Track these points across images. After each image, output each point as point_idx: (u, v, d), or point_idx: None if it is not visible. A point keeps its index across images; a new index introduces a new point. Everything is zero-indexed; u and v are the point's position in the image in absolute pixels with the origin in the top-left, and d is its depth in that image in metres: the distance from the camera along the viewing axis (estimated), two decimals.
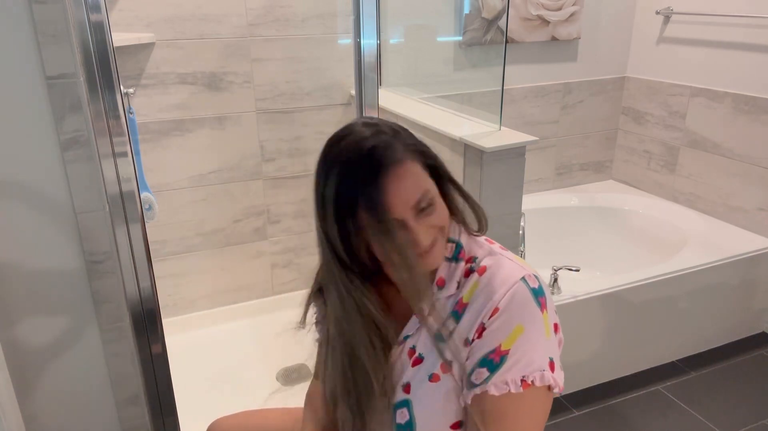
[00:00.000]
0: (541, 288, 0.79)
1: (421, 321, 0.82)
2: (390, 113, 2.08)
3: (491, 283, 0.79)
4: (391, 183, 0.73)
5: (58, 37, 1.00)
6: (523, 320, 0.76)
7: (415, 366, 0.83)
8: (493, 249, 0.85)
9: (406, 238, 0.75)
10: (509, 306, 0.76)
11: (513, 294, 0.77)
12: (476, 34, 2.39)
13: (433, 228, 0.77)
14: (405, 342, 0.85)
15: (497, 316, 0.76)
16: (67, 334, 1.17)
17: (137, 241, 1.14)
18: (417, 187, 0.75)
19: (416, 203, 0.74)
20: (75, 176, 1.08)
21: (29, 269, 1.11)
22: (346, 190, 0.76)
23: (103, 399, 1.25)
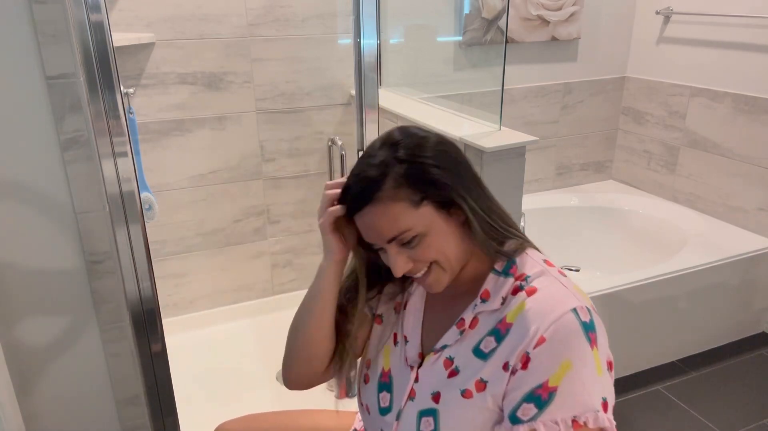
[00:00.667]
0: (593, 322, 0.75)
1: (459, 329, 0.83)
2: (390, 113, 2.08)
3: (539, 308, 0.75)
4: (367, 217, 0.78)
5: (58, 37, 1.00)
6: (571, 355, 0.72)
7: (451, 377, 0.81)
8: (548, 270, 0.81)
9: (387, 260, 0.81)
10: (556, 337, 0.72)
11: (561, 325, 0.73)
12: (476, 34, 2.39)
13: (419, 262, 0.79)
14: (443, 350, 0.84)
15: (543, 347, 0.72)
16: (67, 334, 1.17)
17: (137, 241, 1.14)
18: (392, 226, 0.76)
19: (392, 238, 0.77)
20: (75, 176, 1.07)
21: (29, 269, 1.11)
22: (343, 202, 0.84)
23: (103, 399, 1.25)
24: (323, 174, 2.38)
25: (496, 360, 0.77)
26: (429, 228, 0.77)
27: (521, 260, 0.82)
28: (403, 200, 0.76)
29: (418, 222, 0.76)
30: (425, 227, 0.77)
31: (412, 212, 0.76)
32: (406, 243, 0.77)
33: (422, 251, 0.77)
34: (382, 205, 0.76)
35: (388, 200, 0.76)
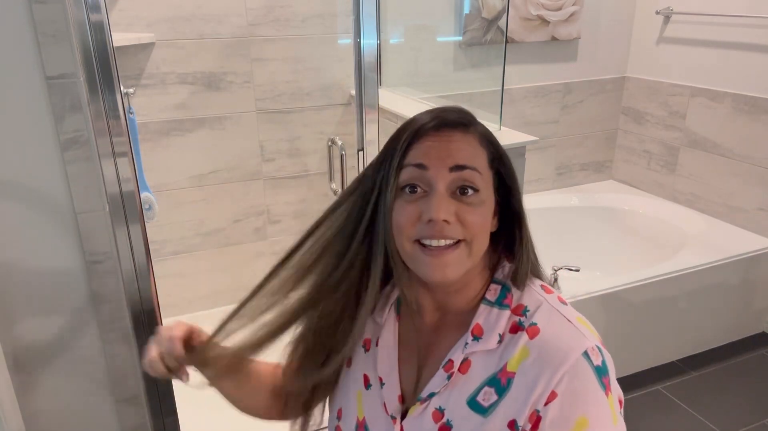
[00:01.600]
0: (605, 363, 0.67)
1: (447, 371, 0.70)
2: (390, 113, 2.08)
3: (545, 356, 0.65)
4: (448, 138, 0.68)
5: (58, 37, 1.00)
6: (586, 411, 0.63)
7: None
8: (547, 300, 0.70)
9: (423, 205, 0.66)
10: (569, 392, 0.63)
11: (573, 376, 0.64)
12: (476, 34, 2.39)
13: (458, 224, 0.66)
14: (429, 400, 0.70)
15: (555, 404, 0.63)
16: (67, 334, 1.17)
17: (137, 241, 1.14)
18: (470, 156, 0.67)
19: (455, 166, 0.66)
20: (75, 176, 1.07)
21: (29, 269, 1.10)
22: (407, 132, 0.69)
23: (103, 399, 1.25)
24: (323, 174, 2.38)
25: (499, 416, 0.66)
26: (488, 198, 0.69)
27: (516, 289, 0.72)
28: (485, 150, 0.69)
29: (485, 179, 0.68)
30: (486, 193, 0.69)
31: (486, 166, 0.69)
32: (461, 191, 0.66)
33: (472, 213, 0.66)
34: (470, 137, 0.68)
35: (476, 137, 0.69)
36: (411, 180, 0.67)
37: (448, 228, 0.66)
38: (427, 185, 0.67)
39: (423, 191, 0.67)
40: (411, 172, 0.67)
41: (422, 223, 0.66)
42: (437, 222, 0.65)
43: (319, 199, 2.42)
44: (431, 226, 0.65)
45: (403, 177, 0.68)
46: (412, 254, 0.68)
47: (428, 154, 0.67)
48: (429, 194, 0.67)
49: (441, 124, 0.68)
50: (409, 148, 0.68)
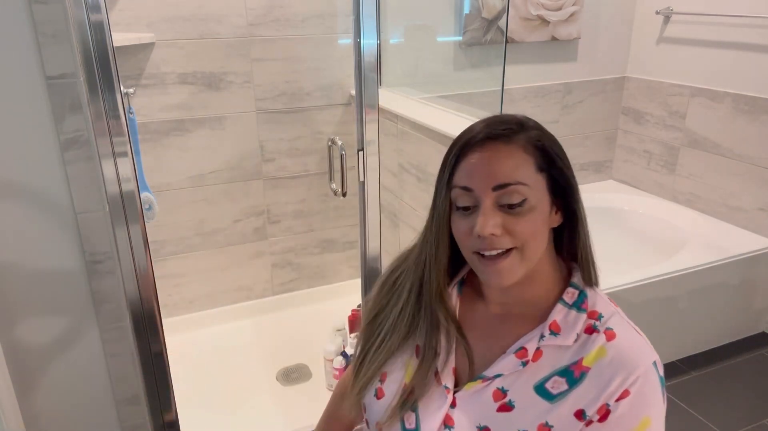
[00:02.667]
0: (663, 377, 0.72)
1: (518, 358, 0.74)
2: (390, 113, 2.08)
3: (622, 359, 0.70)
4: (488, 153, 0.71)
5: (58, 37, 1.00)
6: (650, 412, 0.69)
7: (501, 412, 0.73)
8: (618, 311, 0.76)
9: (473, 221, 0.71)
10: (640, 393, 0.68)
11: (646, 380, 0.69)
12: (476, 34, 2.39)
13: (507, 235, 0.70)
14: (493, 380, 0.74)
15: (626, 401, 0.68)
16: (67, 334, 1.17)
17: (137, 241, 1.14)
18: (512, 172, 0.70)
19: (497, 185, 0.70)
20: (75, 176, 1.07)
21: (29, 269, 1.11)
22: (458, 146, 0.75)
23: (103, 399, 1.25)
24: (323, 174, 2.38)
25: (566, 405, 0.70)
26: (538, 202, 0.71)
27: (592, 295, 0.76)
28: (531, 156, 0.72)
29: (533, 187, 0.71)
30: (536, 198, 0.71)
31: (533, 173, 0.71)
32: (508, 205, 0.70)
33: (520, 222, 0.70)
34: (513, 147, 0.71)
35: (520, 147, 0.71)
36: (461, 201, 0.73)
37: (497, 241, 0.70)
38: (475, 202, 0.72)
39: (474, 207, 0.72)
40: (458, 194, 0.73)
41: (474, 237, 0.71)
42: (485, 238, 0.70)
43: (319, 199, 2.42)
44: (481, 240, 0.71)
45: (453, 195, 0.74)
46: (472, 262, 0.74)
47: (472, 175, 0.72)
48: (477, 209, 0.72)
49: (485, 138, 0.72)
50: (457, 166, 0.74)
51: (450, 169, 0.74)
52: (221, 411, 1.94)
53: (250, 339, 2.34)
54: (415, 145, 1.94)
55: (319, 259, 2.52)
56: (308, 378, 2.10)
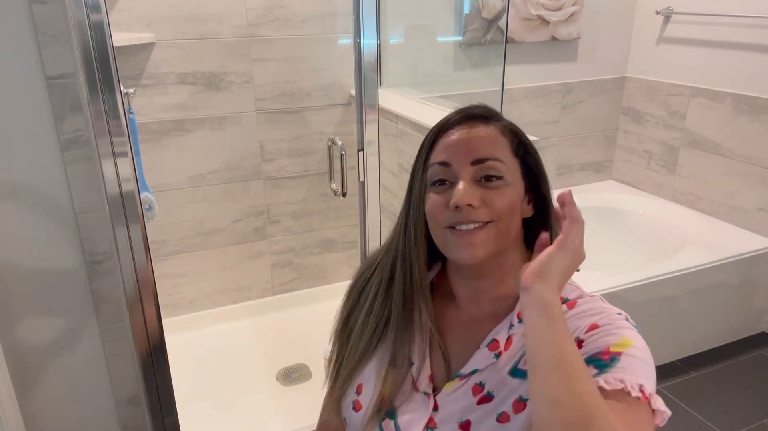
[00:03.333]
0: (636, 326, 0.71)
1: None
2: (390, 113, 2.08)
3: (584, 314, 0.71)
4: (468, 133, 0.74)
5: (58, 37, 1.00)
6: (631, 336, 0.66)
7: (481, 404, 0.72)
8: (586, 293, 0.76)
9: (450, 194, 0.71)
10: (610, 324, 0.67)
11: (611, 319, 0.68)
12: (476, 34, 2.39)
13: (484, 206, 0.71)
14: (470, 376, 0.74)
15: (597, 331, 0.67)
16: (67, 334, 1.17)
17: (137, 241, 1.14)
18: (490, 148, 0.72)
19: (476, 159, 0.72)
20: (75, 176, 1.07)
21: (29, 269, 1.11)
22: (434, 129, 0.77)
23: (103, 399, 1.25)
24: (323, 174, 2.38)
25: None
26: (513, 180, 0.73)
27: None
28: (508, 140, 0.75)
29: (510, 167, 0.73)
30: (512, 176, 0.73)
31: (510, 155, 0.74)
32: (486, 178, 0.72)
33: (497, 195, 0.71)
34: (491, 128, 0.75)
35: (497, 128, 0.75)
36: (437, 175, 0.74)
37: (474, 212, 0.70)
38: (453, 178, 0.73)
39: (450, 183, 0.73)
40: (436, 169, 0.74)
41: (450, 210, 0.71)
42: (462, 208, 0.70)
43: (319, 199, 2.42)
44: (458, 212, 0.70)
45: (429, 173, 0.75)
46: (444, 239, 0.73)
47: (450, 150, 0.73)
48: (454, 185, 0.72)
49: (464, 118, 0.75)
50: (435, 145, 0.76)
51: (427, 149, 0.76)
52: (221, 411, 1.94)
53: (250, 339, 2.34)
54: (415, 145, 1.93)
55: (319, 259, 2.52)
56: (308, 378, 2.10)
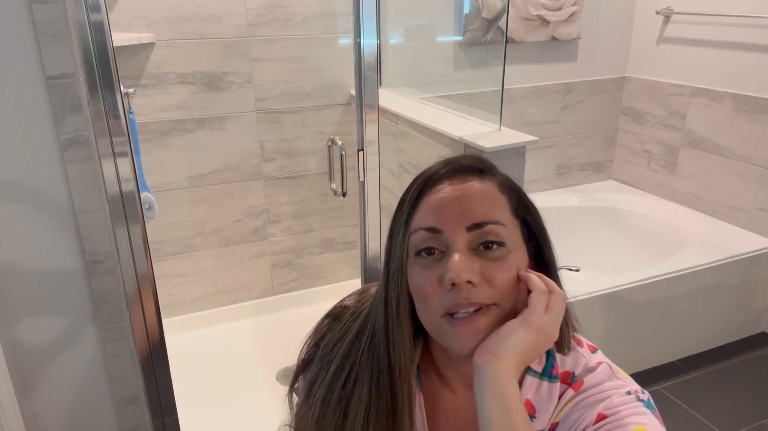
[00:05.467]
0: (652, 402, 0.62)
1: None
2: (390, 113, 2.08)
3: (589, 398, 0.61)
4: (461, 191, 0.60)
5: (58, 37, 1.00)
6: (642, 422, 0.57)
7: None
8: (592, 359, 0.66)
9: (442, 268, 0.58)
10: (619, 410, 0.59)
11: (620, 402, 0.60)
12: (476, 34, 2.39)
13: (485, 284, 0.58)
14: None
15: (605, 422, 0.58)
16: (67, 334, 1.17)
17: (137, 241, 1.14)
18: (488, 209, 0.59)
19: (472, 224, 0.58)
20: (75, 176, 1.07)
21: (29, 269, 1.10)
22: (417, 184, 0.62)
23: (103, 399, 1.25)
24: (323, 174, 2.38)
25: None
26: (516, 246, 0.61)
27: (560, 355, 0.66)
28: (507, 197, 0.62)
29: (511, 230, 0.61)
30: (514, 242, 0.61)
31: (510, 215, 0.62)
32: (485, 247, 0.59)
33: (499, 269, 0.58)
34: (487, 184, 0.62)
35: (495, 185, 0.62)
36: (424, 244, 0.60)
37: (475, 292, 0.57)
38: (443, 247, 0.59)
39: (441, 252, 0.60)
40: (422, 236, 0.60)
41: (445, 289, 0.58)
42: (461, 287, 0.57)
43: (319, 199, 2.42)
44: (455, 293, 0.57)
45: (414, 242, 0.60)
46: (440, 328, 0.60)
47: (439, 213, 0.59)
48: (447, 255, 0.59)
49: (454, 171, 0.62)
50: (418, 204, 0.61)
51: (409, 208, 0.61)
52: (221, 411, 1.94)
53: (250, 339, 2.34)
54: (415, 145, 1.94)
55: (319, 259, 2.52)
56: None
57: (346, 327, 0.71)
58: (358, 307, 0.73)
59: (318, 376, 0.70)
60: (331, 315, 0.76)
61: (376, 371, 0.64)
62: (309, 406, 0.69)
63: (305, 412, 0.70)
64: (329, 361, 0.70)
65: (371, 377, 0.64)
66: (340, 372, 0.67)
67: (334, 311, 0.76)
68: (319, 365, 0.71)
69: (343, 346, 0.69)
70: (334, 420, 0.66)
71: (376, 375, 0.64)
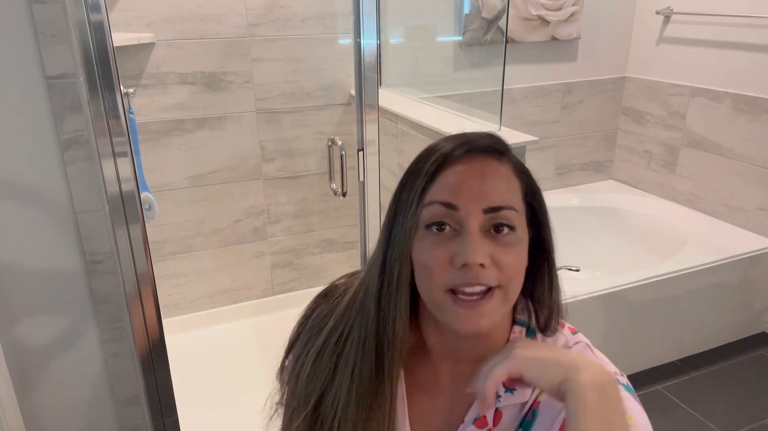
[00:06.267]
0: (630, 386, 0.64)
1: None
2: (390, 113, 2.08)
3: None
4: (478, 168, 0.60)
5: (58, 37, 1.00)
6: (629, 408, 0.58)
7: None
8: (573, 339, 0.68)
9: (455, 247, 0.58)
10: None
11: None
12: (476, 34, 2.39)
13: (494, 267, 0.58)
14: None
15: None
16: (66, 334, 1.17)
17: (137, 241, 1.14)
18: (505, 194, 0.59)
19: (490, 207, 0.58)
20: (75, 176, 1.07)
21: (29, 269, 1.11)
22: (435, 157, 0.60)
23: (103, 399, 1.25)
24: (323, 174, 2.38)
25: None
26: (523, 235, 0.61)
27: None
28: (520, 182, 0.62)
29: (521, 216, 0.61)
30: (522, 230, 0.61)
31: (521, 201, 0.62)
32: (496, 229, 0.59)
33: (508, 254, 0.59)
34: (505, 167, 0.61)
35: (511, 168, 0.62)
36: (438, 217, 0.59)
37: (484, 274, 0.58)
38: (457, 225, 0.59)
39: (452, 230, 0.59)
40: (437, 210, 0.59)
41: (454, 268, 0.58)
42: (473, 267, 0.57)
43: (319, 199, 2.42)
44: (465, 272, 0.57)
45: (426, 215, 0.60)
46: (442, 303, 0.60)
47: (458, 190, 0.59)
48: (460, 234, 0.58)
49: (471, 150, 0.60)
50: (436, 177, 0.60)
51: (425, 180, 0.60)
52: (221, 411, 1.94)
53: (250, 339, 2.34)
54: (415, 145, 1.94)
55: (319, 259, 2.52)
56: None
57: (335, 301, 0.72)
58: (349, 285, 0.73)
59: (306, 346, 0.71)
60: (321, 293, 0.77)
61: (363, 333, 0.64)
62: (298, 374, 0.70)
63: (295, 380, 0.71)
64: (319, 329, 0.70)
65: (359, 338, 0.65)
66: (332, 333, 0.68)
67: (324, 290, 0.77)
68: (307, 336, 0.72)
69: (334, 315, 0.70)
70: (325, 373, 0.67)
71: (362, 337, 0.64)
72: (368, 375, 0.64)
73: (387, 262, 0.62)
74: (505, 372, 0.59)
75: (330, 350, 0.67)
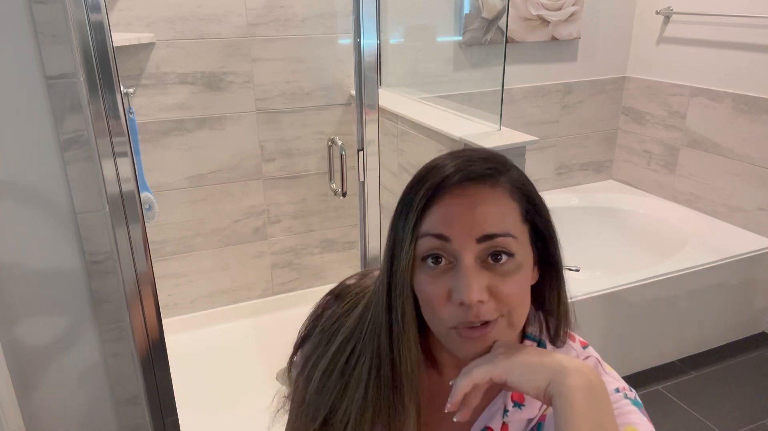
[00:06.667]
0: (639, 400, 0.62)
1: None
2: (390, 113, 2.08)
3: None
4: (472, 198, 0.58)
5: (58, 37, 1.00)
6: (632, 421, 0.58)
7: None
8: (582, 353, 0.67)
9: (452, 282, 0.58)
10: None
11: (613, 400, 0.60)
12: (476, 34, 2.39)
13: (492, 299, 0.58)
14: None
15: None
16: (67, 334, 1.17)
17: (137, 241, 1.14)
18: (499, 220, 0.58)
19: (483, 236, 0.57)
20: (75, 176, 1.07)
21: (29, 269, 1.10)
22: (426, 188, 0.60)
23: (103, 399, 1.25)
24: (323, 174, 2.38)
25: None
26: (525, 259, 0.60)
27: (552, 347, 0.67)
28: (517, 203, 0.60)
29: (520, 240, 0.59)
30: (523, 254, 0.60)
31: (519, 223, 0.60)
32: (493, 258, 0.58)
33: (507, 283, 0.58)
34: (498, 191, 0.59)
35: (506, 191, 0.60)
36: (432, 250, 0.59)
37: (484, 309, 0.57)
38: (451, 256, 0.58)
39: (448, 262, 0.59)
40: (431, 243, 0.59)
41: (454, 305, 0.58)
42: (471, 306, 0.57)
43: (319, 199, 2.42)
44: (465, 310, 0.57)
45: (422, 247, 0.59)
46: (447, 336, 0.61)
47: (449, 222, 0.58)
48: (455, 267, 0.58)
49: (464, 178, 0.59)
50: (427, 210, 0.59)
51: (417, 213, 0.59)
52: (221, 411, 1.94)
53: (250, 339, 2.34)
54: (415, 145, 1.94)
55: (319, 259, 2.52)
56: None
57: (347, 306, 0.72)
58: (361, 287, 0.73)
59: (316, 349, 0.71)
60: (333, 292, 0.77)
61: (377, 361, 0.64)
62: (308, 378, 0.70)
63: (304, 384, 0.71)
64: (330, 335, 0.70)
65: (371, 363, 0.65)
66: (343, 347, 0.68)
67: (335, 289, 0.77)
68: (318, 338, 0.72)
69: (346, 326, 0.69)
70: (334, 392, 0.67)
71: (376, 364, 0.64)
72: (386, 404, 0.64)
73: (392, 298, 0.62)
74: (486, 377, 0.58)
75: (341, 367, 0.67)
